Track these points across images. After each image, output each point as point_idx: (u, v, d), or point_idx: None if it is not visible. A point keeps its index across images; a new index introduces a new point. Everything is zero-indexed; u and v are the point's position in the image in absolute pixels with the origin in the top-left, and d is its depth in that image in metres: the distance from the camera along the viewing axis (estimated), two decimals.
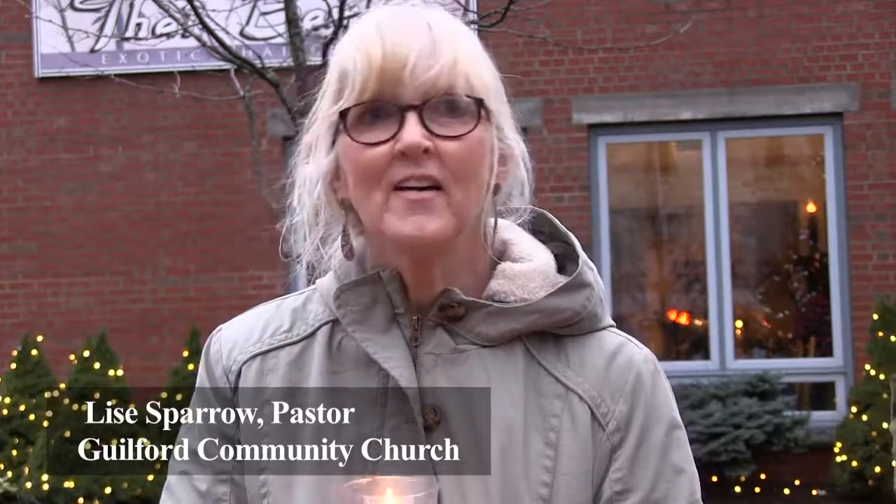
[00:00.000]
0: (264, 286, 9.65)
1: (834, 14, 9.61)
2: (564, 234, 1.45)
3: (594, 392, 1.35)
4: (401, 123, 1.27)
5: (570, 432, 1.33)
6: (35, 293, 10.08)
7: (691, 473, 1.37)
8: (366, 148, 1.28)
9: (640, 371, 1.36)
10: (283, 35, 6.23)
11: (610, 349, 1.37)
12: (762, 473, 9.04)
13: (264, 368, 1.39)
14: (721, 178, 9.75)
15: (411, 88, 1.27)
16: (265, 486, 1.35)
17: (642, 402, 1.35)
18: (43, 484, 8.19)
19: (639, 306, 10.43)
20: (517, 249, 1.40)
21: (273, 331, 1.42)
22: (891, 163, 9.55)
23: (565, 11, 9.32)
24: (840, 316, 9.61)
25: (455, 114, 1.28)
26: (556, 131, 9.66)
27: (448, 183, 1.27)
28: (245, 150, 9.33)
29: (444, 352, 1.34)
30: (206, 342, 1.45)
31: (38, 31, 9.83)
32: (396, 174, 1.27)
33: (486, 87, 1.31)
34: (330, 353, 1.37)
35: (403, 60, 1.26)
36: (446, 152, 1.27)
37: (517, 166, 1.38)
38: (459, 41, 1.30)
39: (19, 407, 8.91)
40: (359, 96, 1.28)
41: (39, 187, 10.12)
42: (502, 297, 1.35)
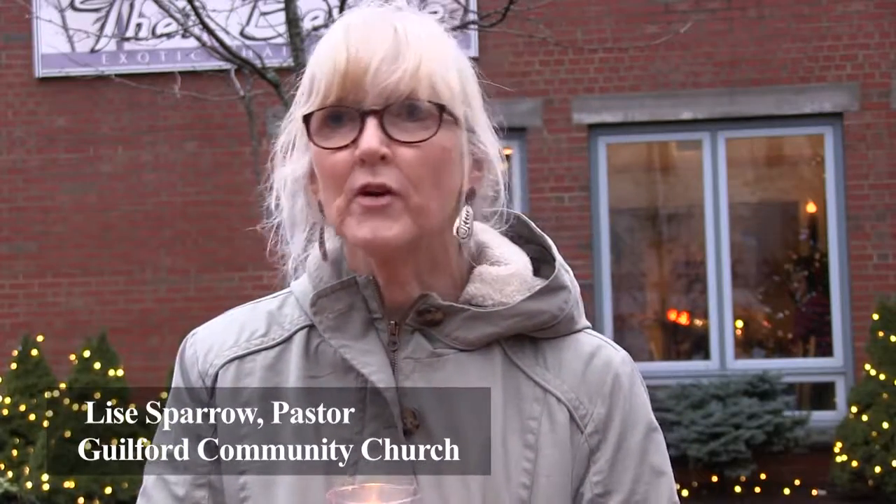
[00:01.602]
0: (264, 286, 9.62)
1: (834, 14, 9.61)
2: (540, 237, 1.45)
3: (572, 394, 1.35)
4: (361, 129, 1.27)
5: (549, 434, 1.34)
6: (35, 293, 10.08)
7: (669, 475, 1.38)
8: (329, 153, 1.29)
9: (618, 373, 1.37)
10: (283, 35, 6.23)
11: (587, 351, 1.38)
12: (762, 473, 9.04)
13: (241, 372, 1.38)
14: (721, 178, 9.75)
15: (373, 93, 1.27)
16: (245, 489, 1.35)
17: (620, 405, 1.36)
18: (43, 484, 8.19)
19: (639, 306, 10.43)
20: (493, 253, 1.40)
21: (249, 335, 1.41)
22: (891, 163, 9.55)
23: (565, 11, 9.32)
24: (840, 316, 9.62)
25: (416, 119, 1.28)
26: (556, 131, 9.66)
27: (405, 189, 1.27)
28: (245, 150, 9.32)
29: (423, 356, 1.34)
30: (181, 345, 1.44)
31: (38, 31, 9.83)
32: (356, 181, 1.27)
33: (450, 91, 1.30)
34: (307, 357, 1.37)
35: (365, 65, 1.27)
36: (404, 159, 1.27)
37: (491, 170, 1.37)
38: (426, 45, 1.29)
39: (19, 407, 8.91)
40: (322, 101, 1.29)
41: (39, 187, 10.12)
42: (479, 300, 1.35)
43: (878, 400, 8.58)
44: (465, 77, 1.34)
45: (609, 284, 9.71)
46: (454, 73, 1.32)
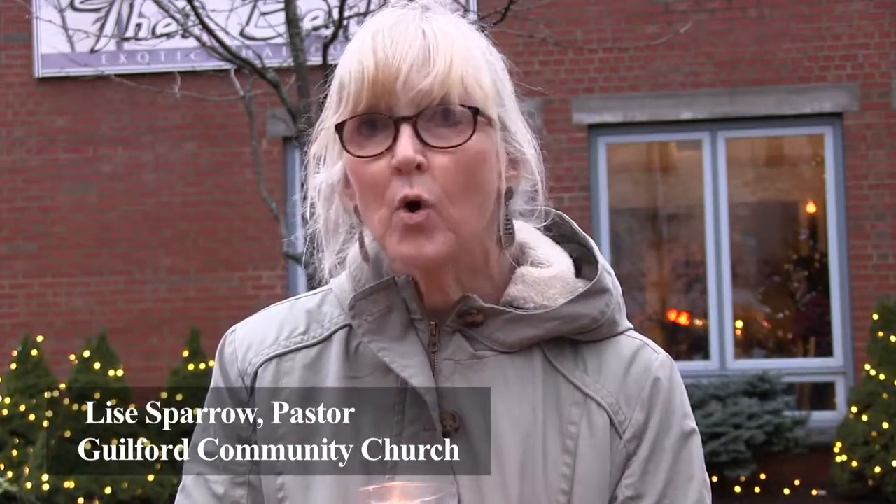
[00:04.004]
0: (264, 286, 9.65)
1: (834, 14, 9.61)
2: (582, 237, 1.43)
3: (612, 399, 1.34)
4: (395, 136, 1.26)
5: (588, 439, 1.33)
6: (35, 293, 10.08)
7: (701, 480, 1.36)
8: (364, 162, 1.27)
9: (658, 377, 1.36)
10: (283, 35, 6.22)
11: (627, 354, 1.37)
12: (762, 473, 9.04)
13: (280, 371, 1.38)
14: (721, 178, 9.75)
15: (405, 99, 1.25)
16: (283, 489, 1.35)
17: (658, 410, 1.35)
18: (43, 484, 8.19)
19: (639, 306, 10.43)
20: (535, 254, 1.39)
21: (289, 333, 1.40)
22: (891, 163, 9.55)
23: (565, 11, 9.32)
24: (840, 316, 9.62)
25: (450, 124, 1.27)
26: (556, 131, 9.66)
27: (440, 200, 1.26)
28: (245, 150, 9.33)
29: (463, 358, 1.33)
30: (220, 343, 1.43)
31: (38, 31, 9.83)
32: (395, 192, 1.26)
33: (483, 93, 1.29)
34: (347, 357, 1.37)
35: (395, 71, 1.25)
36: (440, 166, 1.26)
37: (528, 168, 1.36)
38: (457, 47, 1.28)
39: (19, 407, 8.91)
40: (353, 108, 1.27)
41: (39, 187, 10.12)
42: (521, 303, 1.34)
43: (878, 400, 8.58)
44: (497, 76, 1.33)
45: None
46: (486, 74, 1.30)
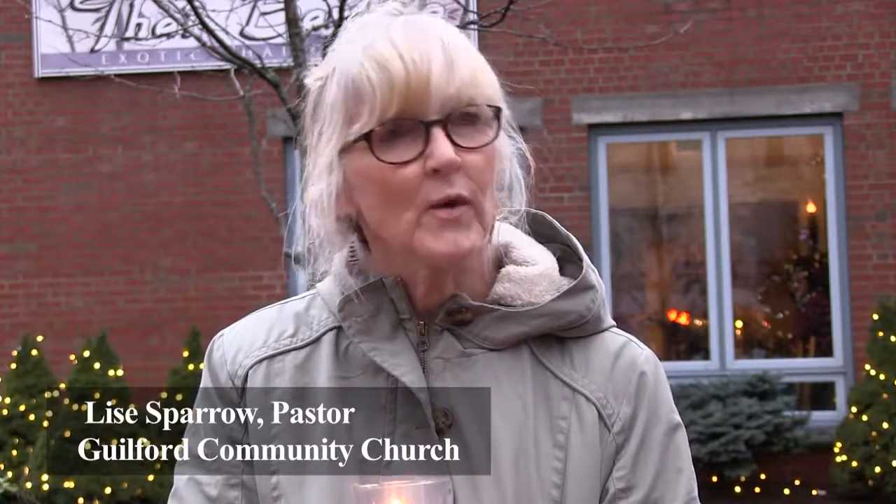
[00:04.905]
0: (264, 286, 9.65)
1: (834, 14, 9.61)
2: (565, 237, 1.45)
3: (600, 393, 1.37)
4: (427, 140, 1.27)
5: (579, 434, 1.35)
6: (35, 293, 10.08)
7: (689, 472, 1.39)
8: (395, 168, 1.27)
9: (644, 372, 1.39)
10: (283, 35, 6.22)
11: (613, 350, 1.39)
12: (762, 473, 9.04)
13: (271, 372, 1.39)
14: (721, 178, 9.75)
15: (435, 103, 1.27)
16: (277, 489, 1.35)
17: (645, 404, 1.37)
18: (43, 484, 8.19)
19: (639, 306, 10.43)
20: (519, 253, 1.41)
21: (278, 335, 1.41)
22: (891, 163, 9.55)
23: (565, 11, 9.32)
24: (840, 316, 9.62)
25: (474, 124, 1.30)
26: (556, 131, 9.66)
27: (475, 196, 1.29)
28: (245, 150, 9.33)
29: (453, 356, 1.34)
30: (209, 347, 1.44)
31: (38, 31, 9.83)
32: (431, 194, 1.27)
33: (497, 93, 1.33)
34: (337, 358, 1.37)
35: (426, 76, 1.27)
36: (471, 165, 1.28)
37: (511, 164, 1.39)
38: (471, 51, 1.32)
39: (19, 407, 8.91)
40: (381, 115, 1.27)
41: (39, 187, 10.12)
42: (508, 300, 1.36)
43: (878, 400, 8.58)
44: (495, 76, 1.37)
45: (609, 284, 9.70)
46: (490, 73, 1.35)
